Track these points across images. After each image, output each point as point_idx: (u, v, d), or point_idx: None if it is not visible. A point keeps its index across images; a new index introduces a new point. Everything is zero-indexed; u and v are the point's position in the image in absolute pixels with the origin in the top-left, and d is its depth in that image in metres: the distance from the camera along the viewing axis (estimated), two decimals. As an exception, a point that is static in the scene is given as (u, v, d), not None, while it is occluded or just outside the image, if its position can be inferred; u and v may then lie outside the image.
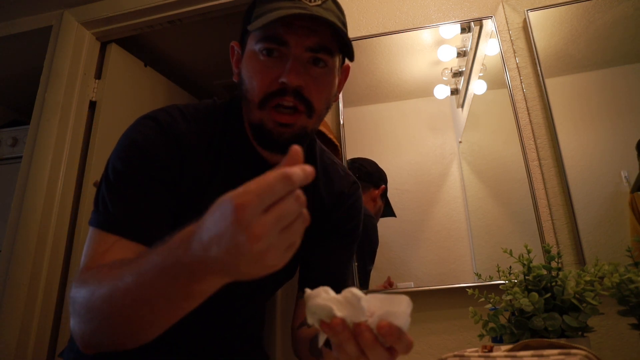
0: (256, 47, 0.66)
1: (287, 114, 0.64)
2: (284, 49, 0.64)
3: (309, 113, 0.66)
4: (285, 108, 0.64)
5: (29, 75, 2.08)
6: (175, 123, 0.69)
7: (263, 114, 0.65)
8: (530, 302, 0.76)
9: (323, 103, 0.68)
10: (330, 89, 0.69)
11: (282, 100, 0.64)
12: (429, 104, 1.39)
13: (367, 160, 1.36)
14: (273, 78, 0.64)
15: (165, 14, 1.72)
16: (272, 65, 0.65)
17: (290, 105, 0.64)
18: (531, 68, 1.32)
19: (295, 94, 0.64)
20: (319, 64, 0.66)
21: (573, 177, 1.18)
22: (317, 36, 0.64)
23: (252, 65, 0.67)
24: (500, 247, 0.89)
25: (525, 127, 1.27)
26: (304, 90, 0.64)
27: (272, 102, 0.64)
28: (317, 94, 0.66)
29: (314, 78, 0.66)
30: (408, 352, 0.43)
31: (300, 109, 0.65)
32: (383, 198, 1.31)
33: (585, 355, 0.55)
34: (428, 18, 1.47)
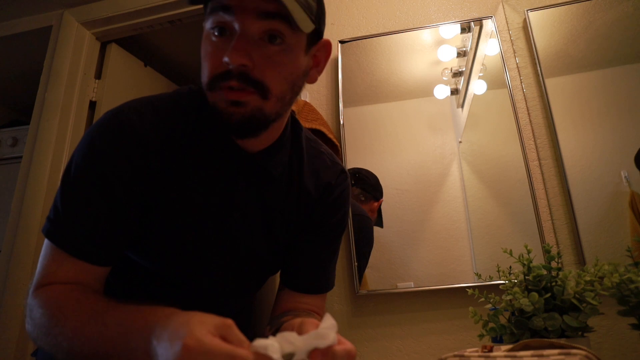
0: (207, 26, 0.61)
1: (235, 91, 0.58)
2: (230, 22, 0.58)
3: (262, 93, 0.59)
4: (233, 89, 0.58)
5: (29, 75, 2.09)
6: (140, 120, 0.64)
7: (214, 95, 0.60)
8: (530, 302, 0.76)
9: (282, 83, 0.61)
10: (291, 69, 0.61)
11: (227, 83, 0.58)
12: (429, 104, 1.39)
13: (370, 172, 1.36)
14: (219, 58, 0.58)
15: (165, 14, 1.72)
16: (220, 46, 0.58)
17: (237, 87, 0.58)
18: (531, 68, 1.32)
19: (241, 76, 0.57)
20: (275, 41, 0.58)
21: (573, 177, 1.18)
22: (271, 2, 0.56)
23: (204, 46, 0.62)
24: (500, 247, 0.89)
25: (525, 127, 1.27)
26: (253, 70, 0.57)
27: (220, 85, 0.58)
28: (272, 73, 0.59)
29: (267, 57, 0.58)
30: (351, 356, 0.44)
31: (248, 90, 0.58)
32: (378, 210, 1.32)
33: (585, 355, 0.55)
34: (428, 18, 1.47)
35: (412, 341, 1.17)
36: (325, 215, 0.80)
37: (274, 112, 0.62)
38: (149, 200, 0.65)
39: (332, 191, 0.80)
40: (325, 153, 0.84)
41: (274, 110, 0.62)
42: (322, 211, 0.80)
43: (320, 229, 0.80)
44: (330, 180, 0.80)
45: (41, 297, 0.57)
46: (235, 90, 0.58)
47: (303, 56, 0.63)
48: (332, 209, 0.81)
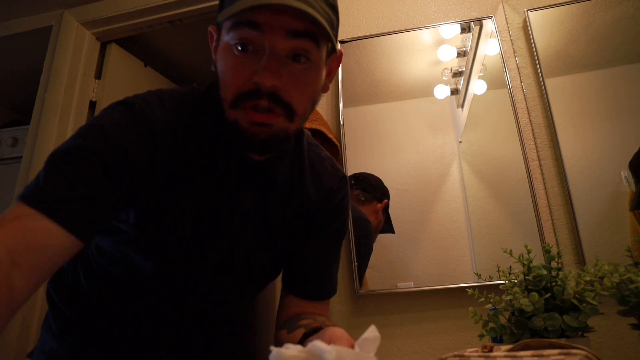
0: (229, 39, 0.58)
1: (263, 112, 0.57)
2: (257, 39, 0.56)
3: (289, 116, 0.59)
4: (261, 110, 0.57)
5: (29, 75, 2.09)
6: (150, 110, 0.63)
7: (237, 113, 0.59)
8: (530, 302, 0.76)
9: (306, 103, 0.61)
10: (315, 87, 0.62)
11: (256, 103, 0.57)
12: (429, 104, 1.39)
13: (372, 174, 1.36)
14: (247, 77, 0.57)
15: (165, 14, 1.72)
16: (246, 62, 0.57)
17: (265, 107, 0.57)
18: (531, 68, 1.32)
19: (270, 96, 0.56)
20: (300, 60, 0.57)
21: (573, 177, 1.18)
22: (299, 22, 0.55)
23: (225, 59, 0.60)
24: (500, 247, 0.89)
25: (525, 127, 1.27)
26: (281, 91, 0.57)
27: (246, 104, 0.57)
28: (298, 94, 0.59)
29: (294, 76, 0.58)
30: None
31: (277, 111, 0.57)
32: (384, 213, 1.31)
33: (585, 355, 0.55)
34: (428, 18, 1.47)
35: (412, 341, 1.17)
36: (327, 221, 0.80)
37: (295, 130, 0.63)
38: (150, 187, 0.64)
39: (334, 197, 0.80)
40: (326, 158, 0.83)
41: (297, 128, 0.63)
42: (324, 217, 0.79)
43: (322, 234, 0.80)
44: (332, 186, 0.79)
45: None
46: (262, 112, 0.57)
47: (323, 70, 0.63)
48: (333, 215, 0.80)
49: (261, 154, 0.66)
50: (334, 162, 0.84)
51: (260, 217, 0.73)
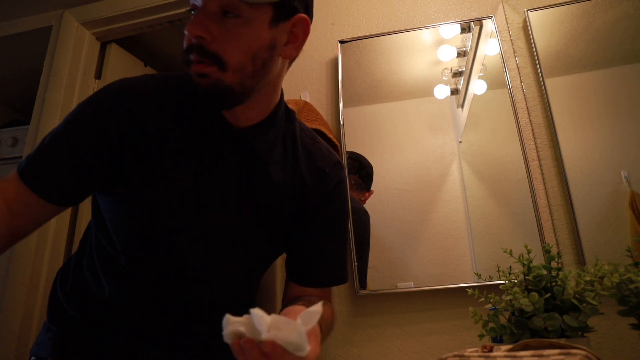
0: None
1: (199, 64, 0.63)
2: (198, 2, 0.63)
3: (219, 65, 0.62)
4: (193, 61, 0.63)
5: (29, 75, 2.08)
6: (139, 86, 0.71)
7: (189, 69, 0.65)
8: (530, 302, 0.76)
9: (239, 55, 0.63)
10: (249, 41, 0.63)
11: (190, 58, 0.63)
12: (429, 104, 1.39)
13: (367, 160, 1.36)
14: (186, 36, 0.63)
15: (165, 14, 1.72)
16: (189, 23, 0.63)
17: (197, 59, 0.62)
18: (531, 68, 1.32)
19: (198, 49, 0.61)
20: (228, 15, 0.61)
21: (573, 177, 1.18)
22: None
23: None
24: (500, 247, 0.89)
25: (525, 127, 1.27)
26: (209, 43, 0.61)
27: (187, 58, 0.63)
28: (228, 46, 0.62)
29: (224, 30, 0.62)
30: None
31: (206, 62, 0.62)
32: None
33: (585, 355, 0.55)
34: (428, 18, 1.47)
35: (412, 341, 1.17)
36: (322, 206, 0.79)
37: (235, 83, 0.64)
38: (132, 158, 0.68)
39: (327, 180, 0.79)
40: (321, 142, 0.84)
41: (236, 81, 0.64)
42: (318, 201, 0.79)
43: (318, 220, 0.79)
44: (324, 167, 0.79)
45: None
46: (198, 63, 0.62)
47: (266, 29, 0.64)
48: (328, 199, 0.80)
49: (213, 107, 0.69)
50: (330, 148, 0.84)
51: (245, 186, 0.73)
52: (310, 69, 1.53)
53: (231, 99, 0.66)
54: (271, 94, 0.74)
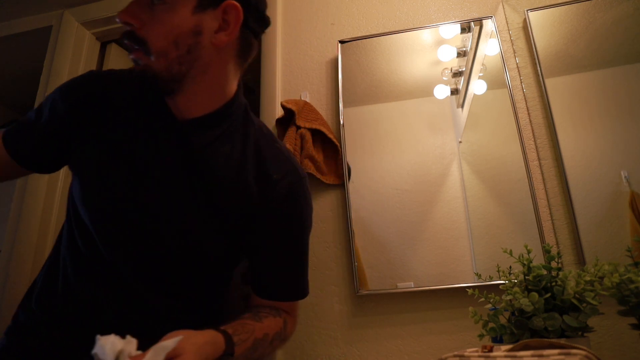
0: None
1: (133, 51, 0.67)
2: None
3: (146, 52, 0.65)
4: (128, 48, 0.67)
5: (29, 75, 2.08)
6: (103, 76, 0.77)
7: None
8: (530, 302, 0.76)
9: (161, 40, 0.64)
10: (171, 26, 0.64)
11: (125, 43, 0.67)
12: (429, 104, 1.39)
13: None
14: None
15: (165, 14, 1.72)
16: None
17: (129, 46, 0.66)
18: (531, 68, 1.32)
19: (129, 36, 0.65)
20: (155, 2, 0.65)
21: (573, 177, 1.18)
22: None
23: None
24: (500, 247, 0.89)
25: (525, 127, 1.27)
26: (138, 29, 0.65)
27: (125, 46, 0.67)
28: (153, 32, 0.65)
29: (152, 17, 0.65)
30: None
31: (136, 48, 0.66)
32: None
33: (585, 355, 0.55)
34: (428, 18, 1.47)
35: (412, 341, 1.17)
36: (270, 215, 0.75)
37: (162, 68, 0.66)
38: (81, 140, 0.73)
39: (275, 187, 0.75)
40: (282, 150, 0.80)
41: (161, 66, 0.66)
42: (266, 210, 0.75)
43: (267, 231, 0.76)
44: (273, 174, 0.75)
45: None
46: (132, 50, 0.66)
47: (189, 15, 0.65)
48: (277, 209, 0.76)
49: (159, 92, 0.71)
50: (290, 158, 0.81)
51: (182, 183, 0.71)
52: (310, 69, 1.53)
53: (162, 85, 0.68)
54: (213, 87, 0.72)
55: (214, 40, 0.68)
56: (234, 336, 0.65)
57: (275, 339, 0.76)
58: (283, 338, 0.79)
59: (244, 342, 0.67)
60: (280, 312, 0.79)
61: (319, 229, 1.34)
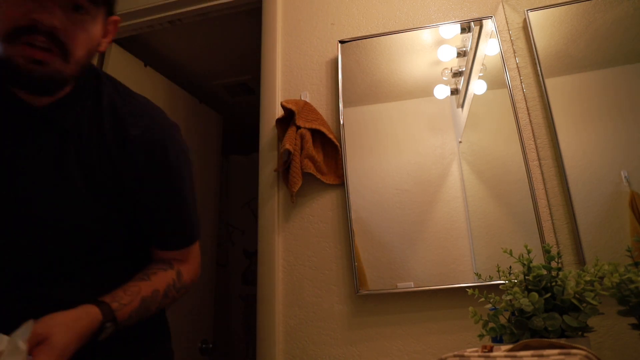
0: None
1: (40, 49, 0.60)
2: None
3: (64, 56, 0.63)
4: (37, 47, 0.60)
5: (29, 75, 2.08)
6: None
7: (11, 49, 0.60)
8: (530, 302, 0.76)
9: (82, 49, 0.65)
10: (90, 37, 0.67)
11: (33, 39, 0.60)
12: (429, 104, 1.39)
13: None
14: (23, 12, 0.60)
15: (165, 14, 1.73)
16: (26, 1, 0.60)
17: (42, 45, 0.60)
18: (531, 68, 1.32)
19: (48, 35, 0.60)
20: (80, 11, 0.63)
21: (573, 177, 1.18)
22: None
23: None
24: (500, 247, 0.89)
25: (525, 127, 1.27)
26: (60, 32, 0.61)
27: (22, 39, 0.60)
28: (75, 39, 0.63)
29: (73, 23, 0.63)
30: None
31: (54, 51, 0.61)
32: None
33: (585, 355, 0.55)
34: (428, 18, 1.47)
35: (412, 341, 1.17)
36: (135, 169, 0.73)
37: (72, 75, 0.66)
38: None
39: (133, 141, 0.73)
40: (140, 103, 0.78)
41: (73, 73, 0.66)
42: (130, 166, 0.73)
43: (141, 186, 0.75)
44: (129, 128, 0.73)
45: None
46: (39, 49, 0.60)
47: (100, 27, 0.69)
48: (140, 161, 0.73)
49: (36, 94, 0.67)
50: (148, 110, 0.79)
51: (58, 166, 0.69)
52: (310, 69, 1.53)
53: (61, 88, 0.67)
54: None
55: (100, 47, 0.72)
56: (112, 303, 0.66)
57: (169, 291, 0.77)
58: (179, 288, 0.80)
59: (128, 305, 0.68)
60: (172, 264, 0.80)
61: (319, 229, 1.34)
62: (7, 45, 0.60)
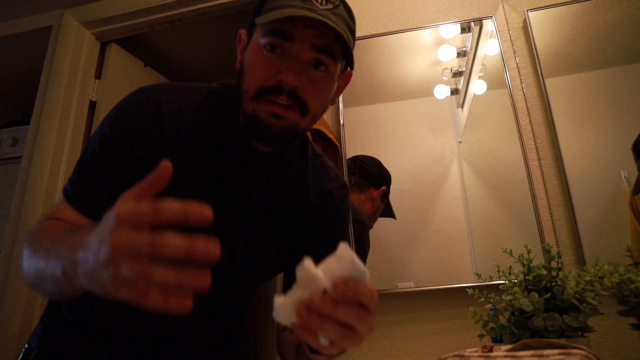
0: (261, 41, 0.66)
1: (281, 105, 0.65)
2: (287, 46, 0.65)
3: (302, 112, 0.67)
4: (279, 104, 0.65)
5: (29, 75, 2.08)
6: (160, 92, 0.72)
7: (256, 104, 0.66)
8: (530, 302, 0.76)
9: (319, 106, 0.70)
10: (328, 93, 0.71)
11: (277, 98, 0.65)
12: (429, 104, 1.39)
13: (370, 158, 1.35)
14: (272, 73, 0.65)
15: (165, 14, 1.72)
16: (273, 61, 0.66)
17: (284, 103, 0.65)
18: (531, 68, 1.32)
19: (290, 94, 0.65)
20: (320, 67, 0.67)
21: (573, 177, 1.18)
22: (323, 38, 0.65)
23: (254, 57, 0.68)
24: (500, 247, 0.89)
25: (525, 127, 1.27)
26: (300, 90, 0.65)
27: (267, 96, 0.65)
28: (314, 96, 0.67)
29: (312, 81, 0.66)
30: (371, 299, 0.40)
31: (293, 107, 0.66)
32: (383, 199, 1.30)
33: (585, 355, 0.55)
34: (428, 18, 1.47)
35: (412, 341, 1.17)
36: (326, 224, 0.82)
37: (306, 128, 0.71)
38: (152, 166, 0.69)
39: (334, 200, 0.83)
40: (330, 167, 0.88)
41: (307, 126, 0.71)
42: (323, 220, 0.82)
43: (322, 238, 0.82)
44: (332, 190, 0.83)
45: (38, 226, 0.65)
46: (280, 105, 0.65)
47: (336, 82, 0.72)
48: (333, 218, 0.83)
49: (270, 146, 0.72)
50: (337, 172, 0.89)
51: (262, 206, 0.76)
52: (310, 69, 1.53)
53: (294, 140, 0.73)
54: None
55: (332, 102, 0.75)
56: None
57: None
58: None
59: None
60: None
61: (319, 229, 1.34)
62: (254, 102, 0.66)
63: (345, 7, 0.69)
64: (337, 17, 0.65)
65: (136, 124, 0.70)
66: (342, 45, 0.67)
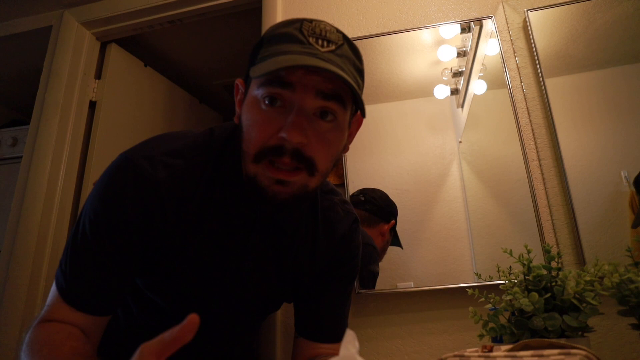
0: (258, 93, 0.59)
1: (285, 170, 0.58)
2: (288, 96, 0.57)
3: (310, 171, 0.59)
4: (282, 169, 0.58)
5: (29, 75, 2.09)
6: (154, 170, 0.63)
7: (258, 168, 0.59)
8: (530, 302, 0.76)
9: (328, 161, 0.61)
10: (338, 146, 0.62)
11: (279, 161, 0.57)
12: (429, 104, 1.39)
13: (378, 191, 1.32)
14: (273, 131, 0.57)
15: (165, 14, 1.72)
16: (273, 117, 0.58)
17: (287, 168, 0.57)
18: (531, 68, 1.32)
19: (294, 154, 0.57)
20: (327, 117, 0.59)
21: (573, 177, 1.18)
22: (329, 83, 0.57)
23: (252, 113, 0.60)
24: (500, 247, 0.89)
25: (525, 127, 1.27)
26: (306, 147, 0.57)
27: (269, 158, 0.58)
28: (322, 151, 0.59)
29: (320, 134, 0.58)
30: None
31: (300, 167, 0.58)
32: (391, 232, 1.29)
33: (585, 355, 0.55)
34: (428, 18, 1.47)
35: (412, 341, 1.17)
36: (339, 265, 0.81)
37: (316, 187, 0.63)
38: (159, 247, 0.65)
39: (345, 242, 0.81)
40: (338, 203, 0.82)
41: (317, 185, 0.62)
42: (336, 262, 0.80)
43: (334, 279, 0.81)
44: (343, 233, 0.80)
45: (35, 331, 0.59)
46: (284, 170, 0.58)
47: (347, 131, 0.64)
48: (344, 259, 0.82)
49: (278, 210, 0.68)
50: (345, 206, 0.83)
51: (271, 262, 0.74)
52: (310, 69, 1.53)
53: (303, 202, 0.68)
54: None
55: (344, 150, 0.68)
56: None
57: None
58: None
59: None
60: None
61: (319, 229, 1.34)
62: (254, 165, 0.59)
63: (350, 45, 0.61)
64: (342, 59, 0.58)
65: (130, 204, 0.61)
66: (351, 90, 0.59)
